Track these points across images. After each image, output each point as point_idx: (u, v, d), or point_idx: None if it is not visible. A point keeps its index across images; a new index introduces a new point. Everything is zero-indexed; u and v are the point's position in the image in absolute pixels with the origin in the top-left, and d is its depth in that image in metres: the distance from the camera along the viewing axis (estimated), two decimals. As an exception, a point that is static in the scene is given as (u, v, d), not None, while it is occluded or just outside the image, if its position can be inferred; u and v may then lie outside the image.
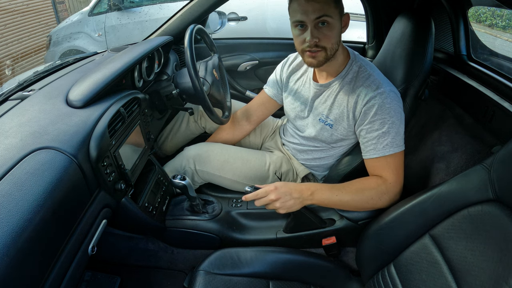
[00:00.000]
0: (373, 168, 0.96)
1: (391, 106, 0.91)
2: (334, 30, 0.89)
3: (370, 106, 0.92)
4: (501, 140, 0.93)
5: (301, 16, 0.86)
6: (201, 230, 1.07)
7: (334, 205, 0.94)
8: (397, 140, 0.92)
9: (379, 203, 0.92)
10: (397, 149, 0.92)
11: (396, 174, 0.92)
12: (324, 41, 0.89)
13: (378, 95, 0.91)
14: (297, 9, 0.87)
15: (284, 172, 1.19)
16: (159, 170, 1.12)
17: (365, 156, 0.96)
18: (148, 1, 3.55)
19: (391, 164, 0.92)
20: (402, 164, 0.94)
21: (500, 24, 2.19)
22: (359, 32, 2.40)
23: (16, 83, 0.95)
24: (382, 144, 0.92)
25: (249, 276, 0.91)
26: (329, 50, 0.90)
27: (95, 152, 0.72)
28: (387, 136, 0.91)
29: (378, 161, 0.93)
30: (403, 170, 0.94)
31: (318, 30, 0.87)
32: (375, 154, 0.93)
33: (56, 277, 0.60)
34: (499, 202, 0.62)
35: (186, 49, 1.00)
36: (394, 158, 0.92)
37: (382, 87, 0.92)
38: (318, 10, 0.84)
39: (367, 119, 0.93)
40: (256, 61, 1.73)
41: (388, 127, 0.91)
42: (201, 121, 1.43)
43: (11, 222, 0.52)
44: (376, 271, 0.87)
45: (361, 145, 0.98)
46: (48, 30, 4.18)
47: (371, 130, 0.93)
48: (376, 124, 0.92)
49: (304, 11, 0.85)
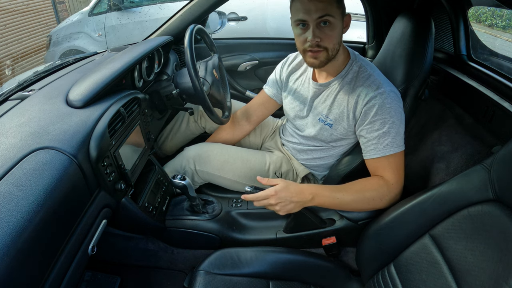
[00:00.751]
0: (374, 169, 0.96)
1: (391, 106, 0.91)
2: (336, 30, 0.88)
3: (370, 106, 0.92)
4: (501, 140, 0.93)
5: (303, 15, 0.86)
6: (201, 230, 1.07)
7: (335, 207, 0.94)
8: (397, 140, 0.92)
9: (380, 204, 0.92)
10: (398, 149, 0.92)
11: (397, 174, 0.93)
12: (326, 41, 0.88)
13: (378, 95, 0.91)
14: (299, 7, 0.86)
15: (284, 172, 1.19)
16: (159, 170, 1.12)
17: (365, 156, 0.96)
18: (148, 1, 3.55)
19: (392, 164, 0.92)
20: (402, 164, 0.94)
21: (500, 24, 2.19)
22: (359, 32, 2.40)
23: (16, 83, 0.95)
24: (383, 144, 0.92)
25: (249, 276, 0.91)
26: (331, 50, 0.90)
27: (95, 152, 0.72)
28: (388, 136, 0.91)
29: (379, 161, 0.93)
30: (403, 170, 0.95)
31: (320, 30, 0.87)
32: (375, 154, 0.93)
33: (56, 277, 0.60)
34: (499, 202, 0.62)
35: (186, 49, 1.00)
36: (394, 158, 0.92)
37: (383, 87, 0.92)
38: (320, 9, 0.84)
39: (367, 119, 0.93)
40: (256, 61, 1.73)
41: (388, 127, 0.91)
42: (201, 121, 1.43)
43: (11, 222, 0.52)
44: (376, 271, 0.87)
45: (362, 145, 0.98)
46: (48, 30, 4.18)
47: (371, 130, 0.93)
48: (377, 124, 0.92)
49: (306, 10, 0.85)
